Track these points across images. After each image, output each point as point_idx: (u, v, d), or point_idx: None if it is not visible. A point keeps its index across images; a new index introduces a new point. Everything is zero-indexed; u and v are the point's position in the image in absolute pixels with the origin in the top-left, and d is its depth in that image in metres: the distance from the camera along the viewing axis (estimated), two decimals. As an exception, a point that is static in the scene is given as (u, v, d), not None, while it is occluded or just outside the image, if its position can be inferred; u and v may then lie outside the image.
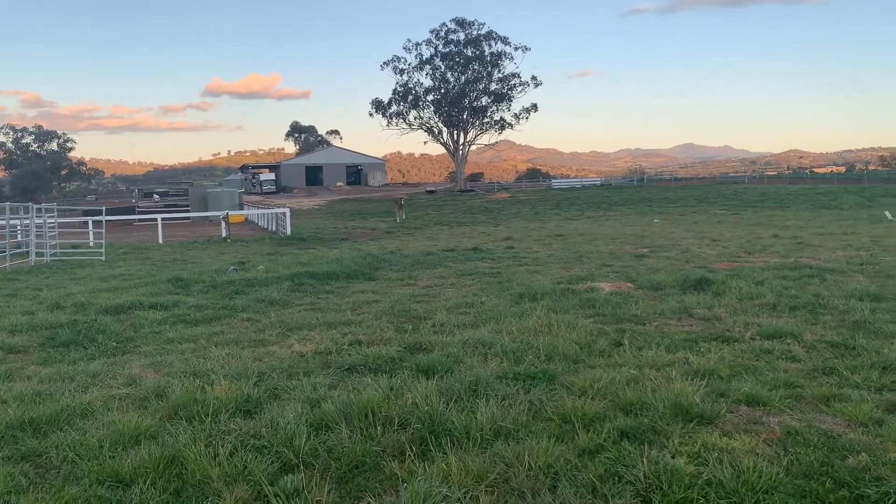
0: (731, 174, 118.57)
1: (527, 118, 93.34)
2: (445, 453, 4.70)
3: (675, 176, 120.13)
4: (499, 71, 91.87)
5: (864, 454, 4.51)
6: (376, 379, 6.44)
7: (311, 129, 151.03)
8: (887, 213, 29.72)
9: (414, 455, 4.73)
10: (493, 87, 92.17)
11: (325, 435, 5.14)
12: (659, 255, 18.25)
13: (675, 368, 6.70)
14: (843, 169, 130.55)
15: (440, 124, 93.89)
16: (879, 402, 5.53)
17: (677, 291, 11.24)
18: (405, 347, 7.94)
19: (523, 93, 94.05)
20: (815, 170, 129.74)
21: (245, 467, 4.58)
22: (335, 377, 6.89)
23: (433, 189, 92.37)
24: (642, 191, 75.32)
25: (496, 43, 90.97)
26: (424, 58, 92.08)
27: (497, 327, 8.81)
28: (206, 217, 44.40)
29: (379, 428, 5.14)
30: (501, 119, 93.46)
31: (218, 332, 9.62)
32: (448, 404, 5.61)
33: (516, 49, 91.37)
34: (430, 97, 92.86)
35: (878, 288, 10.88)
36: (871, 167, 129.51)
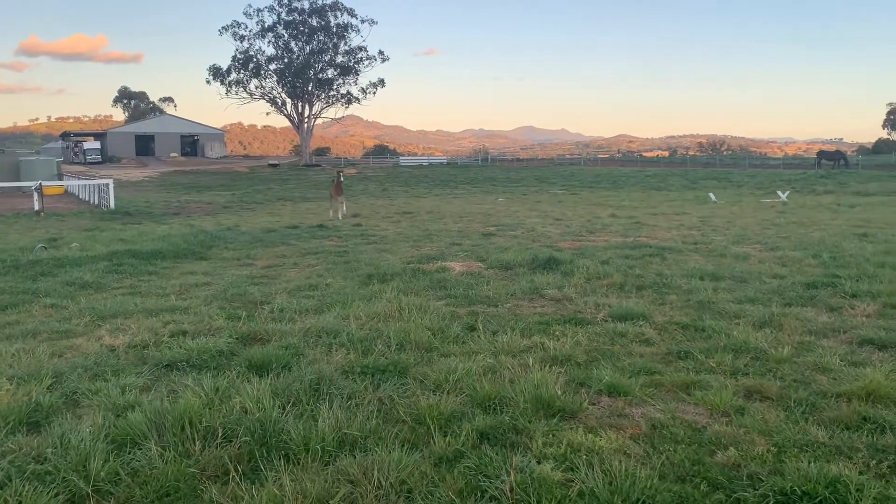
0: (568, 156, 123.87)
1: (374, 93, 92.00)
2: (279, 472, 3.95)
3: (516, 157, 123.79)
4: (345, 43, 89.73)
5: (732, 448, 4.27)
6: (199, 378, 5.53)
7: (142, 96, 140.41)
8: (712, 195, 31.84)
9: (240, 476, 3.93)
10: (340, 59, 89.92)
11: (129, 453, 4.21)
12: (506, 233, 18.21)
13: (532, 355, 6.31)
14: (667, 153, 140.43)
15: (284, 95, 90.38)
16: (737, 388, 5.40)
17: (527, 271, 11.02)
18: (237, 338, 7.01)
19: (370, 67, 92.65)
20: (644, 154, 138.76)
21: (17, 506, 3.59)
22: (150, 377, 5.89)
23: (276, 163, 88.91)
24: (487, 170, 76.77)
25: (342, 14, 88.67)
26: (267, 25, 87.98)
27: (343, 312, 8.07)
28: (19, 188, 39.83)
29: (198, 443, 4.28)
30: (348, 93, 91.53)
31: (12, 321, 8.17)
32: (284, 409, 4.85)
33: (363, 22, 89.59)
34: (272, 66, 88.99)
35: (714, 267, 11.22)
36: (691, 152, 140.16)
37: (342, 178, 26.42)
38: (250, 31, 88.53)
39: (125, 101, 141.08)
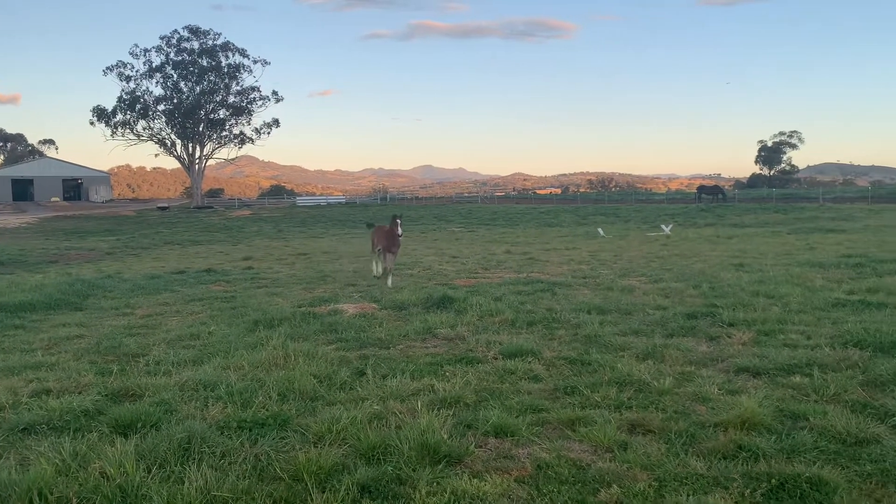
0: (466, 194, 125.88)
1: (268, 133, 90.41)
2: (136, 546, 3.62)
3: (415, 195, 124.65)
4: (237, 83, 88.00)
5: (615, 486, 4.25)
6: (58, 442, 5.06)
7: (19, 138, 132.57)
8: (600, 230, 32.99)
9: (92, 553, 3.57)
10: (232, 99, 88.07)
11: (-36, 536, 3.76)
12: (403, 272, 18.09)
13: (421, 398, 6.18)
14: (559, 190, 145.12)
15: (173, 136, 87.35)
16: (621, 423, 5.44)
17: (421, 310, 10.92)
18: (107, 395, 6.52)
19: (264, 107, 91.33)
20: (538, 191, 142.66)
21: None
22: (3, 443, 5.35)
23: (166, 206, 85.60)
24: (386, 209, 76.80)
25: (234, 54, 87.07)
26: (154, 65, 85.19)
27: (225, 362, 7.69)
28: None
29: (47, 518, 3.87)
30: (241, 133, 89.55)
31: None
32: (150, 471, 4.48)
33: (255, 62, 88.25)
34: (161, 107, 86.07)
35: (601, 300, 11.49)
36: (581, 189, 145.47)
37: (399, 228, 15.38)
38: (137, 71, 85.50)
39: (1, 144, 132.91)
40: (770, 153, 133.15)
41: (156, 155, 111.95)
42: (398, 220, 15.46)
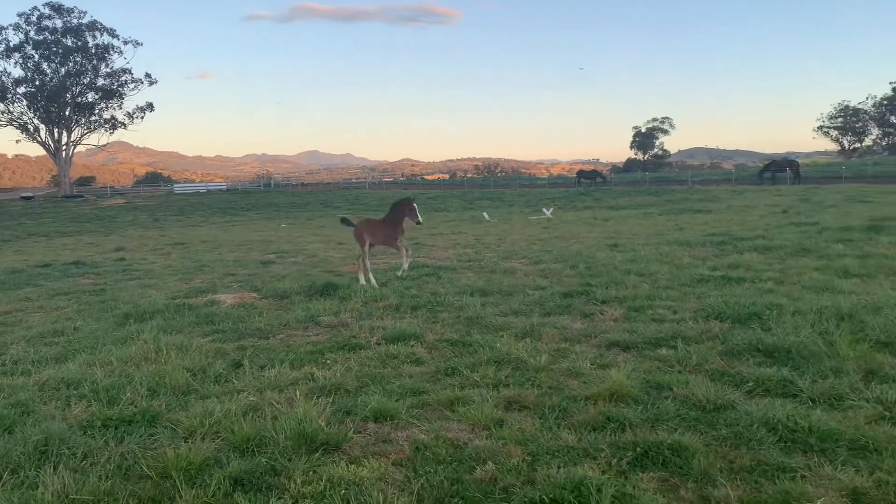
0: (354, 180, 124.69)
1: (142, 118, 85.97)
2: (-19, 559, 3.36)
3: (301, 182, 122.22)
4: (107, 65, 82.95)
5: (490, 463, 4.33)
6: None
7: None
8: (485, 214, 33.56)
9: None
10: (101, 82, 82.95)
11: None
12: (286, 260, 17.73)
13: (300, 387, 6.07)
14: (447, 176, 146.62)
15: (36, 121, 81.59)
16: (498, 400, 5.55)
17: (303, 298, 10.73)
18: (-47, 400, 6.01)
19: (137, 90, 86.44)
20: (426, 177, 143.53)
21: None
22: None
23: (31, 195, 79.87)
24: (270, 196, 74.85)
25: (102, 34, 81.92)
26: (13, 44, 79.09)
27: (91, 359, 7.26)
28: None
29: None
30: (112, 118, 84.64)
31: None
32: (0, 478, 4.16)
33: (126, 43, 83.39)
34: (21, 89, 79.95)
35: (484, 283, 11.69)
36: (469, 174, 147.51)
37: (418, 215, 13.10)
38: (-8, 50, 79.10)
39: None
40: (644, 139, 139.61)
41: (17, 141, 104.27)
42: (415, 205, 13.11)
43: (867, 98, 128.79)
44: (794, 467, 4.18)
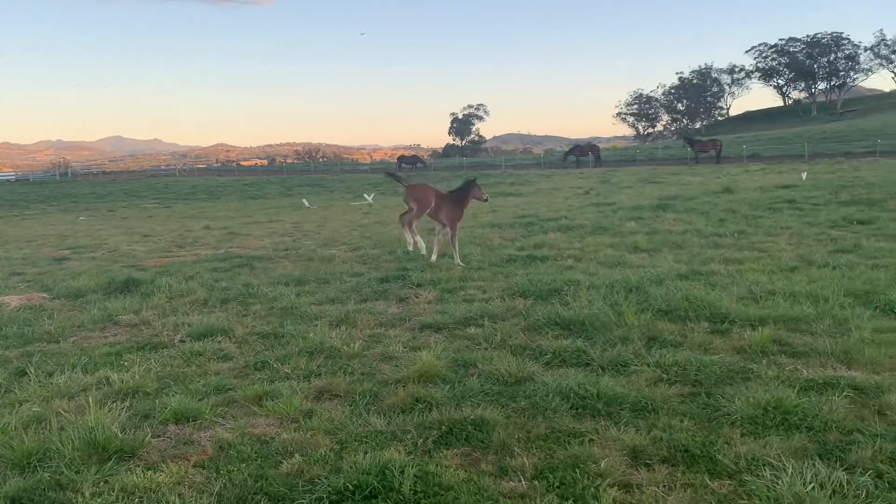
0: (163, 167, 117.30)
1: None
2: None
3: (103, 170, 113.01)
4: None
5: (297, 455, 4.27)
6: None
7: None
8: (305, 201, 32.93)
9: None
10: None
11: None
12: (83, 256, 16.34)
13: (93, 393, 5.63)
14: (266, 162, 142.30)
15: None
16: (309, 392, 5.48)
17: (101, 297, 9.94)
18: None
19: None
20: (242, 163, 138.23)
21: None
22: None
23: None
24: (67, 186, 68.60)
25: None
26: None
27: None
28: None
29: None
30: None
31: None
32: None
33: None
34: None
35: (301, 272, 11.48)
36: (289, 160, 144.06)
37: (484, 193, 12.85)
38: None
39: None
40: (461, 125, 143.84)
41: None
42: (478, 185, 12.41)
43: (658, 87, 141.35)
44: (584, 432, 4.50)
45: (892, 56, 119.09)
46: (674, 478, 3.90)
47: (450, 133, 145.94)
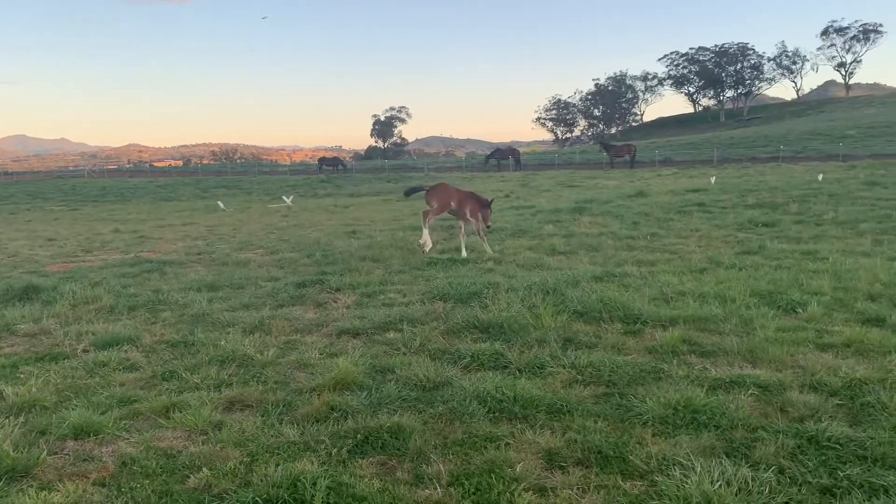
0: (71, 168, 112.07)
1: None
2: None
3: (5, 170, 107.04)
4: None
5: (205, 469, 4.10)
6: None
7: None
8: (221, 203, 32.06)
9: None
10: None
11: None
12: (-21, 262, 15.37)
13: (-16, 411, 5.26)
14: (181, 163, 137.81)
15: None
16: (218, 402, 5.28)
17: (-3, 305, 9.36)
18: None
19: None
20: (155, 164, 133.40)
21: None
22: None
23: None
24: (-37, 187, 64.71)
25: None
26: None
27: None
28: None
29: None
30: None
31: None
32: None
33: None
34: None
35: (214, 277, 11.12)
36: (205, 161, 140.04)
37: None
38: None
39: None
40: (383, 127, 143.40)
41: None
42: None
43: (575, 93, 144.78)
44: (500, 436, 4.50)
45: (793, 66, 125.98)
46: (588, 480, 3.93)
47: (372, 135, 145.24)
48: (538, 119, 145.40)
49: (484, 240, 12.79)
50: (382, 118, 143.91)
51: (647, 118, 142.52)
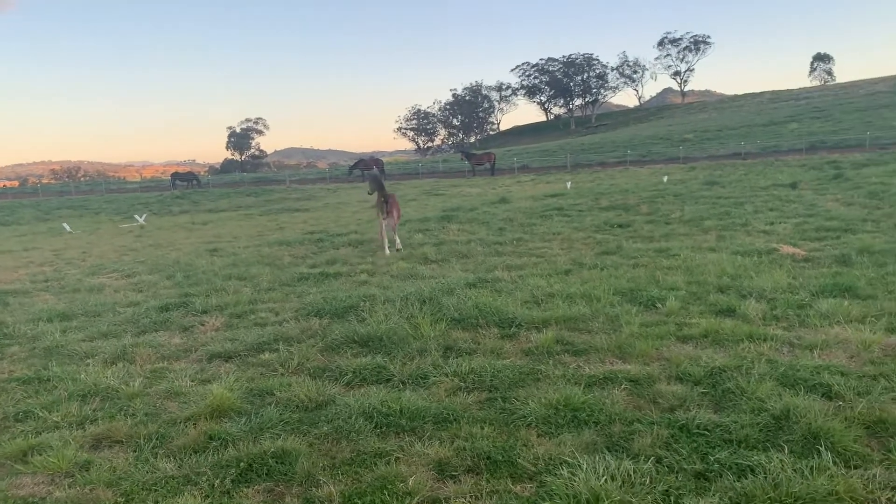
0: None
1: None
2: None
3: None
4: None
5: (71, 515, 3.78)
6: None
7: None
8: (66, 225, 29.83)
9: None
10: None
11: None
12: None
13: None
14: (17, 183, 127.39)
15: None
16: (83, 441, 4.90)
17: None
18: None
19: None
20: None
21: None
22: None
23: None
24: None
25: None
26: None
27: None
28: None
29: None
30: None
31: None
32: None
33: None
34: None
35: (66, 305, 10.33)
36: (45, 180, 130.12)
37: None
38: None
39: None
40: (240, 139, 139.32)
41: None
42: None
43: (434, 103, 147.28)
44: (390, 451, 4.46)
45: (634, 75, 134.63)
46: (479, 487, 3.98)
47: (228, 147, 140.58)
48: (399, 129, 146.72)
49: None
50: (238, 130, 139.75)
51: (503, 127, 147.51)
